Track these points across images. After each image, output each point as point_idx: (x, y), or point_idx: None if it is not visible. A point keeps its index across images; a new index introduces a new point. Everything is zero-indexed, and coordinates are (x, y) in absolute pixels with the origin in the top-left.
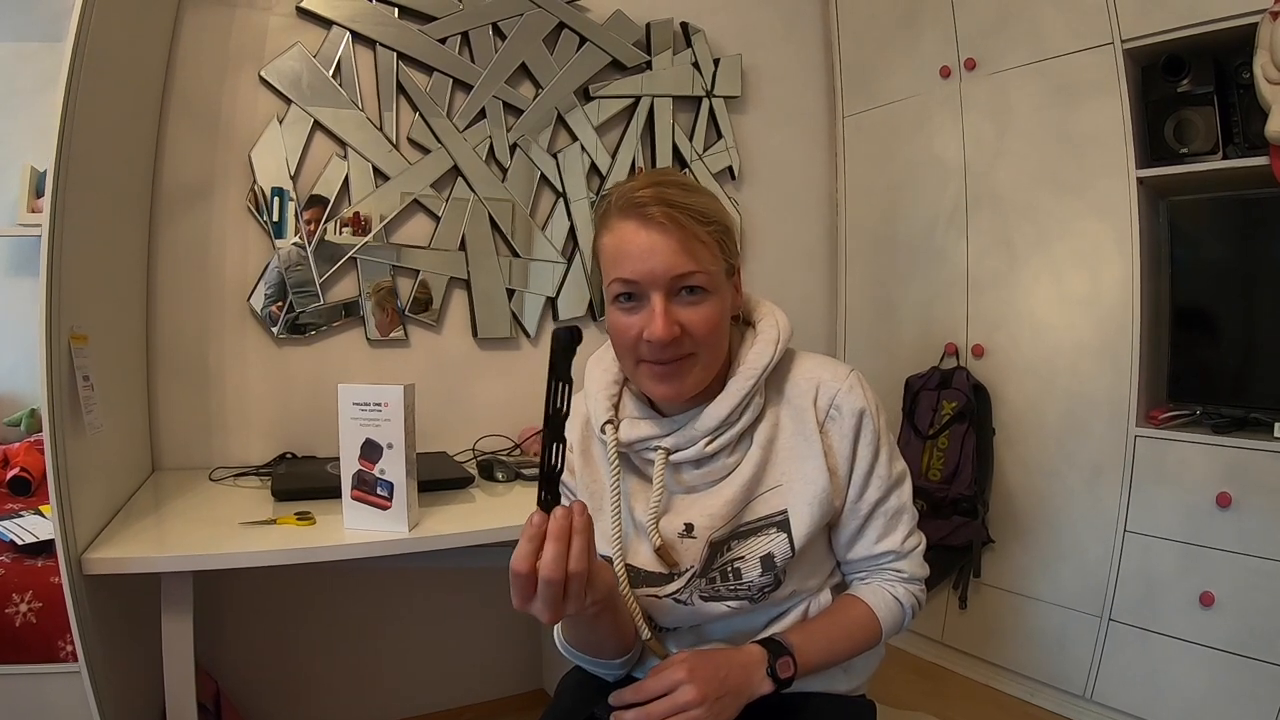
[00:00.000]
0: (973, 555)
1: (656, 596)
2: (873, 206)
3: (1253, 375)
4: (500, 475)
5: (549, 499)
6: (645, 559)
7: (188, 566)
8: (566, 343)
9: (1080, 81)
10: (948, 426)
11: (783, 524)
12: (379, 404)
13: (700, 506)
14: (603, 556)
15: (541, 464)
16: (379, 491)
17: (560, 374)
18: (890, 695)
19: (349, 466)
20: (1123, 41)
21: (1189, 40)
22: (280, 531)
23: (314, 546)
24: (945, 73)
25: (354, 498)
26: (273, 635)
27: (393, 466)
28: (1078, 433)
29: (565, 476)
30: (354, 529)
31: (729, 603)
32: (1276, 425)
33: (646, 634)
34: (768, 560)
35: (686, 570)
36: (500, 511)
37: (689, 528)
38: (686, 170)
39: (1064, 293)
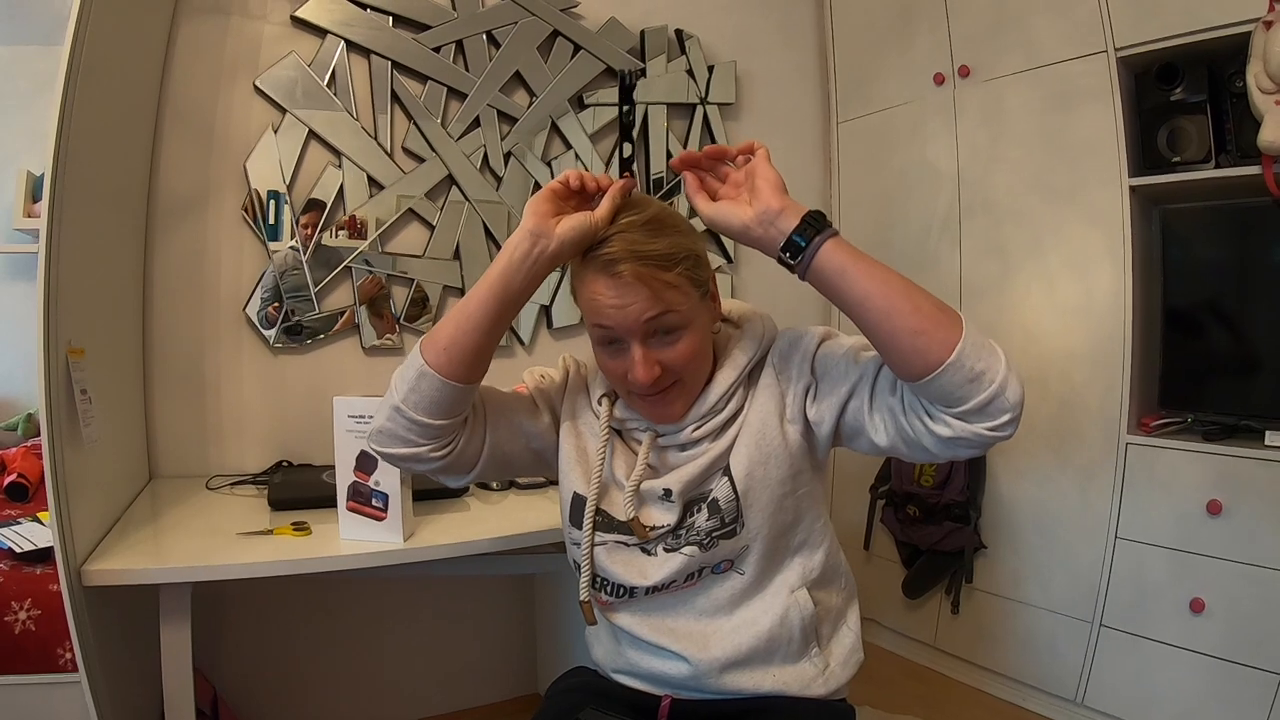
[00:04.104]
0: (965, 561)
1: (624, 543)
2: (867, 212)
3: (1244, 383)
4: (494, 484)
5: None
6: (620, 509)
7: (186, 578)
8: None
9: (1074, 89)
10: None
11: (726, 469)
12: (373, 416)
13: (679, 474)
14: (577, 494)
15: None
16: (374, 503)
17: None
18: (883, 699)
19: (344, 478)
20: (1116, 49)
21: (1183, 48)
22: (277, 542)
23: (310, 558)
24: (939, 79)
25: (349, 509)
26: (270, 640)
27: (387, 478)
28: (1070, 439)
29: (544, 384)
30: (350, 539)
31: (684, 550)
32: (1268, 433)
33: (584, 595)
34: (714, 504)
35: (661, 528)
36: (494, 520)
37: (668, 493)
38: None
39: (1056, 300)
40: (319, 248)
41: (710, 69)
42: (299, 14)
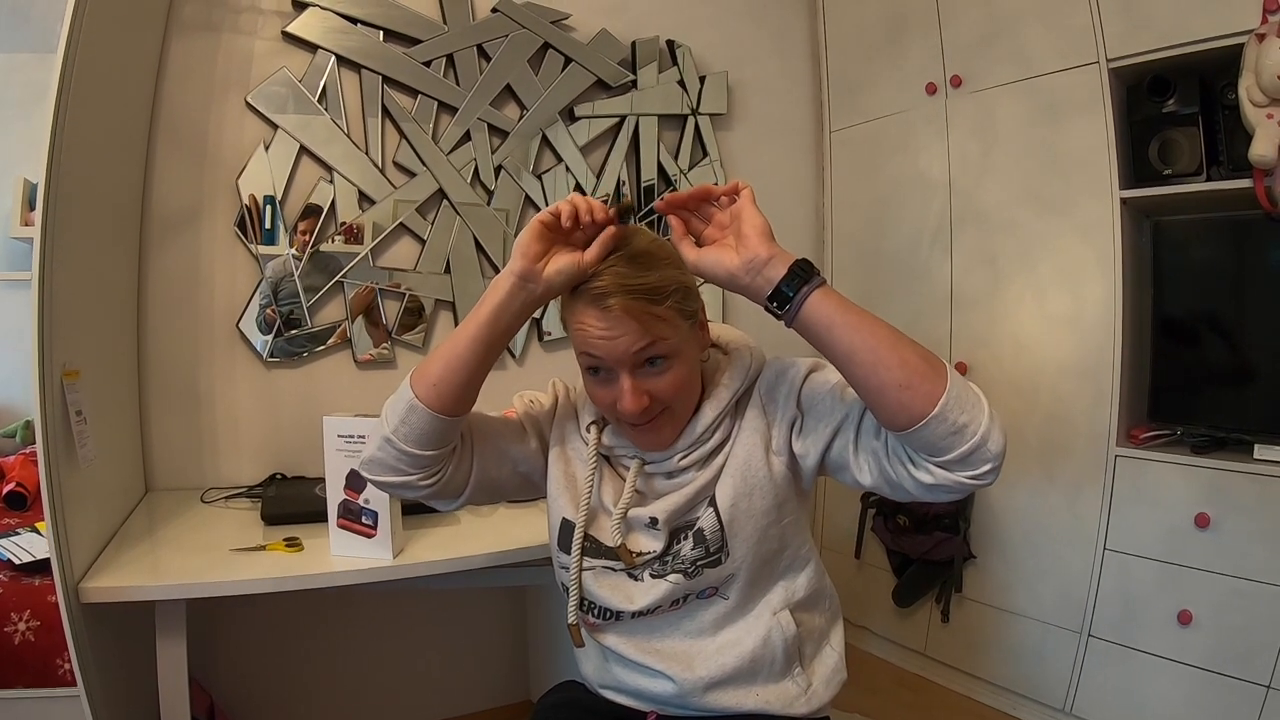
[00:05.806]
0: (955, 570)
1: (612, 568)
2: (859, 221)
3: (1234, 396)
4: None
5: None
6: (608, 535)
7: (181, 595)
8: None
9: (1066, 100)
10: None
11: (711, 499)
12: (363, 436)
13: (665, 503)
14: (565, 520)
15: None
16: (364, 520)
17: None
18: (874, 707)
19: (335, 496)
20: (1108, 61)
21: (1175, 60)
22: (269, 558)
23: (301, 574)
24: (931, 89)
25: (340, 526)
26: (265, 648)
27: (377, 496)
28: (1059, 451)
29: (533, 409)
30: (340, 556)
31: (669, 578)
32: (1257, 446)
33: (572, 618)
34: (699, 534)
35: (648, 554)
36: (484, 536)
37: (654, 520)
38: (672, 187)
39: (1047, 312)
40: (315, 254)
41: (702, 79)
42: (290, 29)
